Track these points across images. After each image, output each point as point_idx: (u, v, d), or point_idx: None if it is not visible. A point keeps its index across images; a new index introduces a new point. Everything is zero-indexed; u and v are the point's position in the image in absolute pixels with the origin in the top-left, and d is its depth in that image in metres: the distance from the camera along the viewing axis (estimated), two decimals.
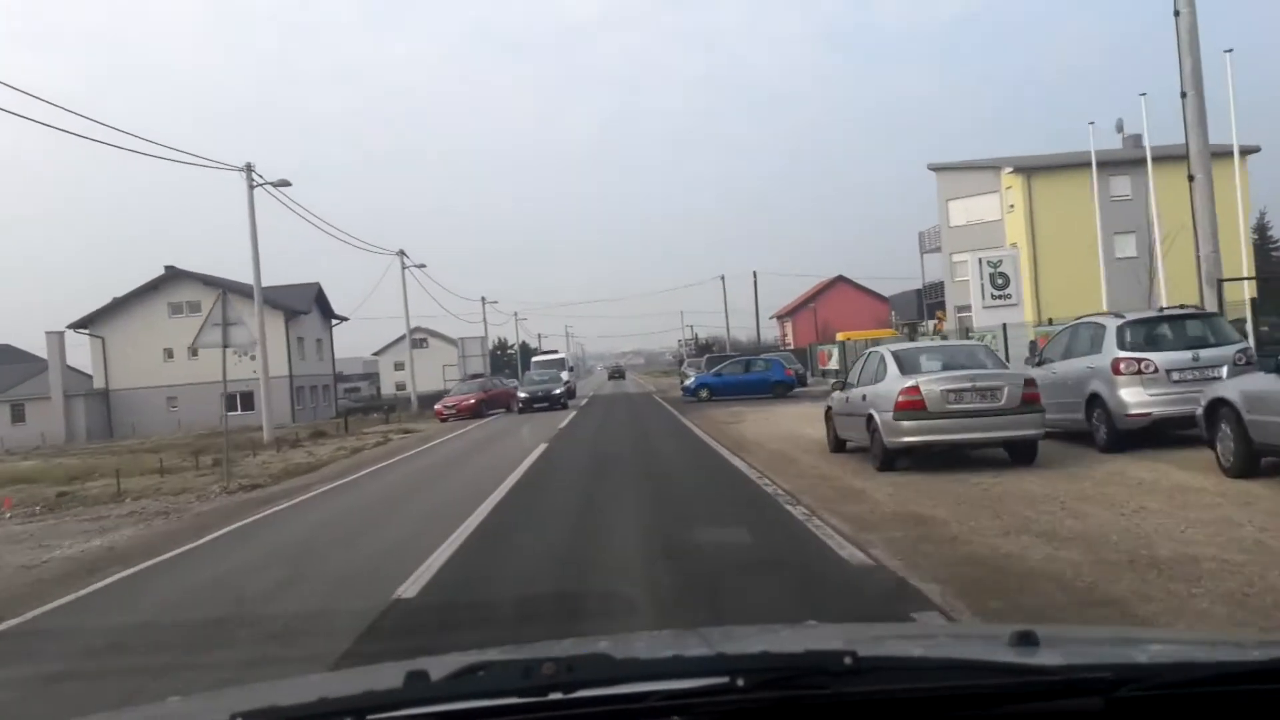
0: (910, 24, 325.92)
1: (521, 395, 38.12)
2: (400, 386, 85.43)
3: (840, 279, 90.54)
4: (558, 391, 37.49)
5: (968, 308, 50.60)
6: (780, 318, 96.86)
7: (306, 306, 59.03)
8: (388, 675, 1.83)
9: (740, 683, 1.48)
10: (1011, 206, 47.06)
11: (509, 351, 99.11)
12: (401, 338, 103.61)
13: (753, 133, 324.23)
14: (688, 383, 38.51)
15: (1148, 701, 1.51)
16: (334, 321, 65.19)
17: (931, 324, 64.71)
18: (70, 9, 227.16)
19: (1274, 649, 2.00)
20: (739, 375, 35.98)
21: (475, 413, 35.95)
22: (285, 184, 30.90)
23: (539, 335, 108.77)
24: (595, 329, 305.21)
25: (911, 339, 53.44)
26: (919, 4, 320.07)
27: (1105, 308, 37.61)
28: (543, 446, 19.17)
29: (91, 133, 41.62)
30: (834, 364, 41.79)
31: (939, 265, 55.05)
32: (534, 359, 51.63)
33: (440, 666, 1.76)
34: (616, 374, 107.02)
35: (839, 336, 57.61)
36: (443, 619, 6.46)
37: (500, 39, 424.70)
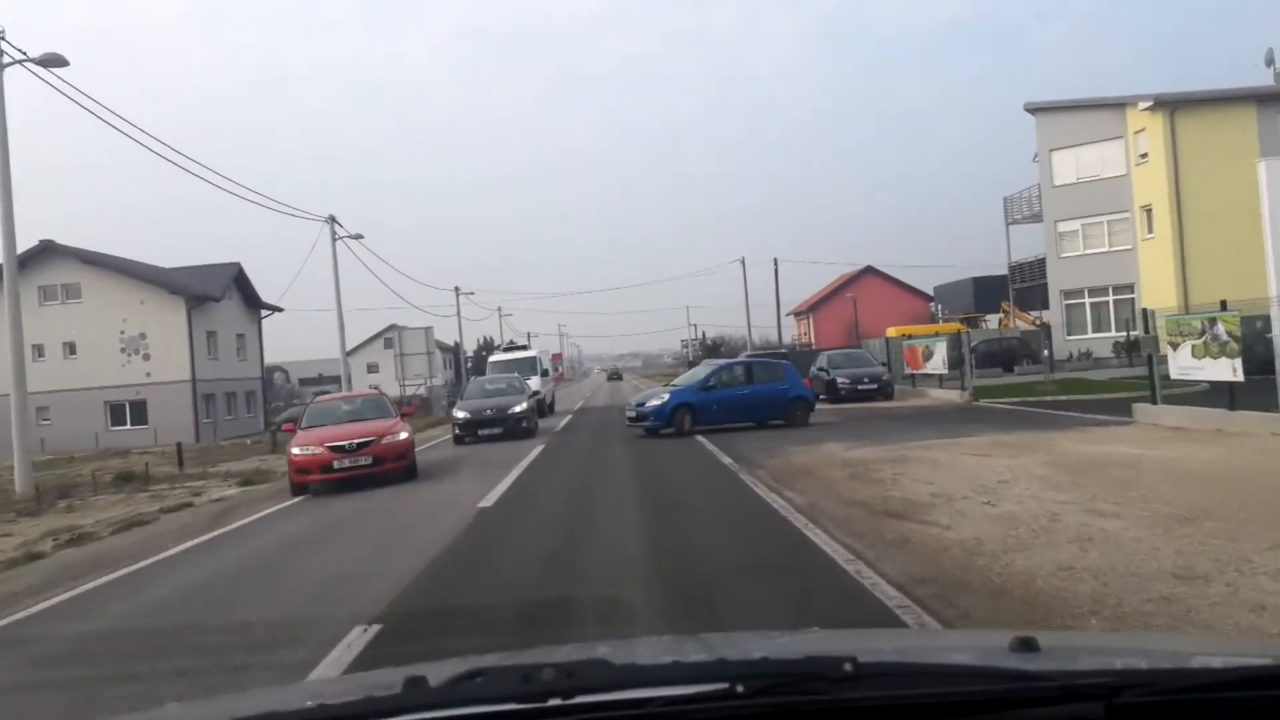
0: (907, 26, 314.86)
1: (459, 416, 24.09)
2: (373, 388, 73.42)
3: (869, 270, 79.24)
4: (518, 409, 23.56)
5: (1081, 292, 38.64)
6: (798, 314, 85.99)
7: (219, 292, 46.63)
8: (387, 681, 1.77)
9: (740, 689, 1.46)
10: (1144, 155, 34.99)
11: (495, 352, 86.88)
12: (374, 337, 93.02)
13: (754, 126, 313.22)
14: (652, 403, 22.49)
15: (1148, 708, 1.48)
16: (263, 313, 52.79)
17: (998, 318, 52.22)
18: None
19: (1275, 655, 1.98)
20: (740, 389, 22.30)
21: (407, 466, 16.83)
22: (60, 62, 18.64)
23: (528, 334, 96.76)
24: (591, 330, 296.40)
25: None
26: (910, 9, 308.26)
27: (1276, 291, 25.73)
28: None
29: None
30: (935, 365, 28.32)
31: (1026, 239, 42.96)
32: (491, 359, 34.82)
33: (439, 672, 1.72)
34: (615, 376, 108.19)
35: (889, 332, 45.93)
36: None
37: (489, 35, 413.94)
